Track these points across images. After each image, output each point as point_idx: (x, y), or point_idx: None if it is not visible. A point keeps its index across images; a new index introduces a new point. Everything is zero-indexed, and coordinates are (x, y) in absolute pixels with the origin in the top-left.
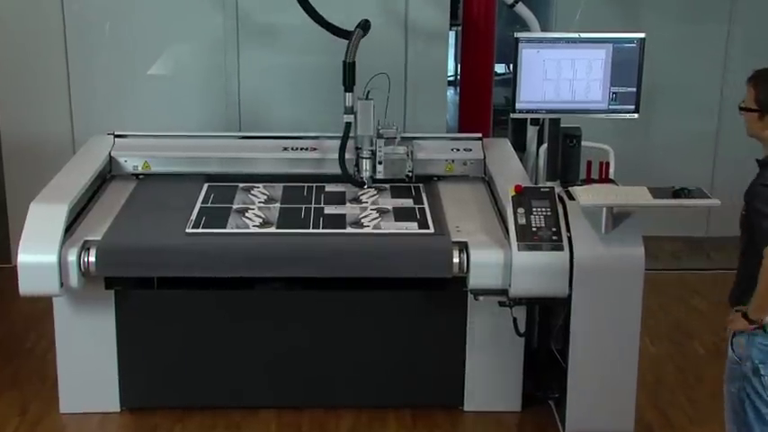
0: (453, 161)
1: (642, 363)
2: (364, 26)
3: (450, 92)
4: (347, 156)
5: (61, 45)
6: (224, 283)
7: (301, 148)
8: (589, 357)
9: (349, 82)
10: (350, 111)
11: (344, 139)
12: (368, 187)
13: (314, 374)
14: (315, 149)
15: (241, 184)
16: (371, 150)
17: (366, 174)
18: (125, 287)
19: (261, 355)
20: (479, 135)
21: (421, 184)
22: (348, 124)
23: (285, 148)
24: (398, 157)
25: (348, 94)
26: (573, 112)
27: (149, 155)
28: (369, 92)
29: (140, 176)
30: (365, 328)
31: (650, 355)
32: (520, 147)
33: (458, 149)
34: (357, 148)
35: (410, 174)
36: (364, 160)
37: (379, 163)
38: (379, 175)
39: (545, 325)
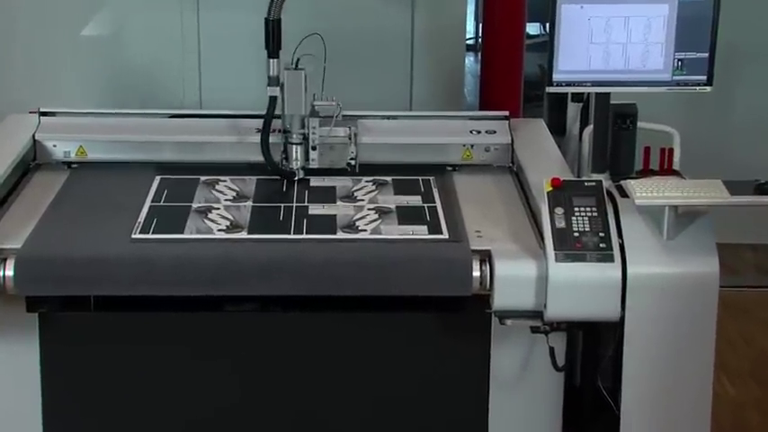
0: (473, 146)
1: (717, 407)
2: None
3: (470, 59)
4: (272, 140)
5: None
6: (181, 304)
7: (278, 131)
8: (647, 399)
9: (273, 45)
10: (275, 82)
11: (268, 117)
12: (366, 181)
13: (297, 419)
14: None
15: (203, 177)
16: (303, 133)
17: (296, 163)
18: (52, 309)
19: (229, 395)
20: (505, 113)
21: (432, 177)
22: (273, 99)
23: (258, 130)
24: (338, 141)
25: (272, 61)
26: (626, 84)
27: (85, 138)
28: (299, 59)
29: (73, 165)
30: (362, 361)
31: (728, 398)
32: (558, 129)
33: (478, 131)
34: (285, 131)
35: (353, 161)
36: (294, 146)
37: (313, 149)
38: (313, 164)
39: (591, 357)
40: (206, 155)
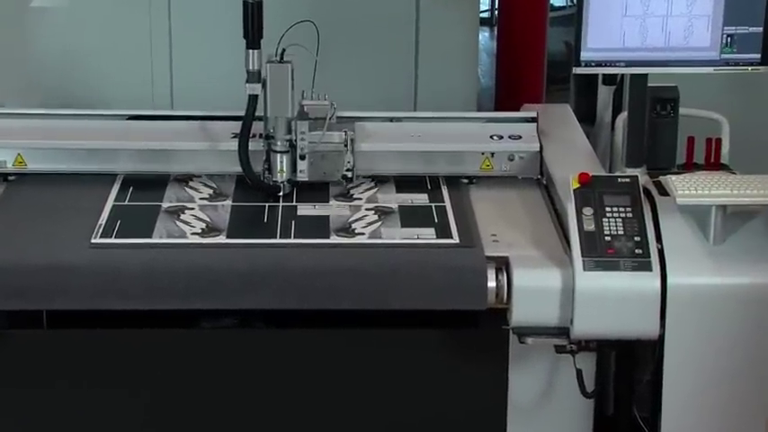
0: (493, 154)
1: None
2: None
3: (484, 35)
4: (252, 147)
5: None
6: (149, 319)
7: (260, 136)
8: (691, 430)
9: (253, 33)
10: (255, 78)
11: (248, 119)
12: (361, 182)
13: None
14: None
15: (174, 173)
16: (289, 139)
17: (281, 175)
18: None
19: (205, 425)
20: (533, 114)
21: (440, 172)
22: (253, 98)
23: (235, 135)
24: (331, 149)
25: (252, 53)
26: (667, 64)
27: (24, 144)
28: (284, 50)
29: (10, 178)
30: (359, 385)
31: None
32: (587, 116)
33: (499, 137)
34: (267, 137)
35: (349, 173)
36: (278, 155)
37: (302, 158)
38: (302, 176)
39: (625, 381)
40: (173, 164)
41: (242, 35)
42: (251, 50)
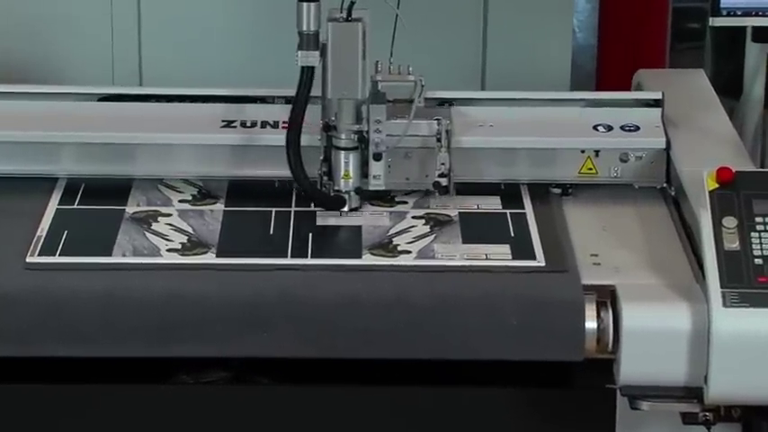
0: (598, 153)
1: None
2: None
3: None
4: (304, 141)
5: None
6: (108, 370)
7: (262, 124)
8: None
9: None
10: (313, 44)
11: (300, 102)
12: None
13: None
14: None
15: None
16: (358, 131)
17: (347, 183)
18: None
19: None
20: (657, 95)
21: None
22: (308, 72)
23: (227, 123)
24: (419, 145)
25: (308, 6)
26: None
27: None
28: (352, 3)
29: None
30: None
31: None
32: (730, 87)
33: (607, 128)
34: (327, 127)
35: (445, 178)
36: (343, 153)
37: (377, 158)
38: (377, 184)
39: None
40: (144, 163)
41: None
42: (305, 3)
